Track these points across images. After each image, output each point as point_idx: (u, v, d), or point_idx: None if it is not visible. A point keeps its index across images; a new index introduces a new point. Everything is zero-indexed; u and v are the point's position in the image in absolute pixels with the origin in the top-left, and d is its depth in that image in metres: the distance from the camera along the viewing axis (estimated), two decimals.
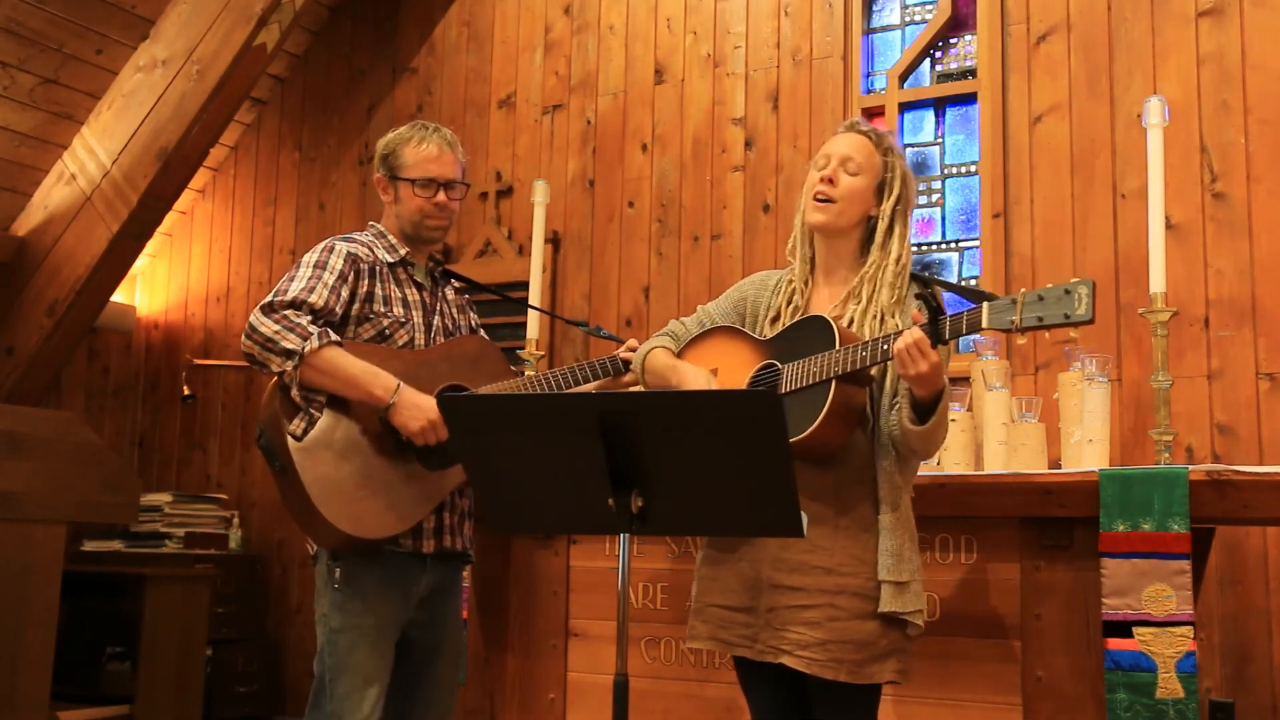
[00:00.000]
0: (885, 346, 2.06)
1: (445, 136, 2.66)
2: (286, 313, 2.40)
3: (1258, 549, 3.39)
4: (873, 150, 2.32)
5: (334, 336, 2.40)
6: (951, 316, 2.03)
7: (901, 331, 2.05)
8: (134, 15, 4.78)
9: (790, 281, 2.40)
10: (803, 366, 2.18)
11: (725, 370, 2.36)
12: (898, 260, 2.28)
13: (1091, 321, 1.92)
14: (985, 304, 2.01)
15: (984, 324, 2.00)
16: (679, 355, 2.47)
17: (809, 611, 2.14)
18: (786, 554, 2.18)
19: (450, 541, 2.56)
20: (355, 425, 2.43)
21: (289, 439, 2.38)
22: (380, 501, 2.42)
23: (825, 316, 2.22)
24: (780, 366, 2.25)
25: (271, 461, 2.44)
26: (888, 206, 2.31)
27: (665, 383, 2.40)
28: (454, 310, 2.74)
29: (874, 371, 2.21)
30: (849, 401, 2.15)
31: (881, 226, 2.30)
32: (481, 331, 2.83)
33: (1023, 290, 1.98)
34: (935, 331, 2.02)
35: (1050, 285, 1.95)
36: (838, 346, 2.14)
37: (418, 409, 2.41)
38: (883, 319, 2.24)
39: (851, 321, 2.26)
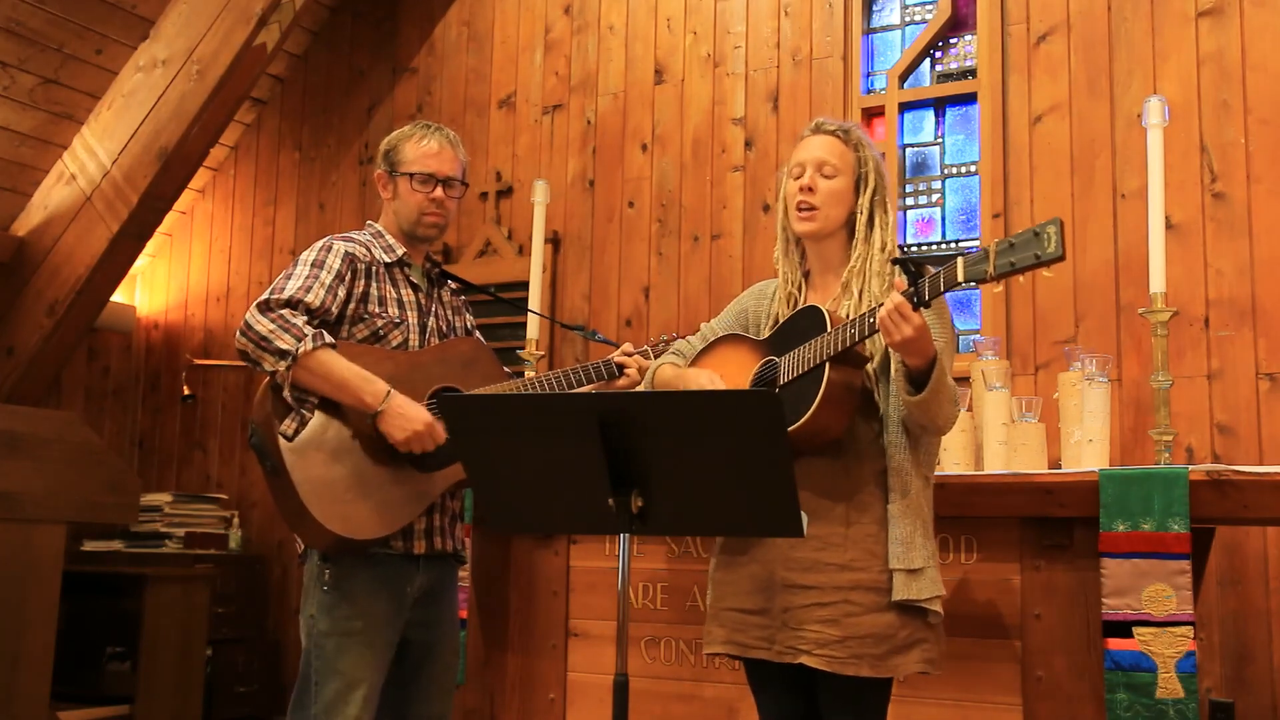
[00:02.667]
0: (871, 319, 2.08)
1: (447, 135, 2.67)
2: (283, 312, 2.40)
3: (1258, 549, 3.39)
4: (844, 149, 2.33)
5: (329, 339, 2.40)
6: (930, 277, 2.04)
7: (884, 303, 2.07)
8: (134, 15, 4.78)
9: (785, 287, 2.41)
10: (797, 355, 2.19)
11: (729, 374, 2.38)
12: (883, 249, 2.30)
13: (1062, 258, 1.93)
14: (959, 259, 2.02)
15: (960, 278, 2.01)
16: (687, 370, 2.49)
17: (824, 609, 2.14)
18: (797, 553, 2.18)
19: (440, 543, 2.56)
20: (347, 426, 2.43)
21: (280, 439, 2.38)
22: (370, 503, 2.42)
23: (817, 305, 2.24)
24: (778, 360, 2.26)
25: (263, 461, 2.43)
26: (865, 200, 2.32)
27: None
28: (449, 312, 2.73)
29: (875, 356, 2.22)
30: (845, 384, 2.16)
31: (861, 221, 2.31)
32: (477, 333, 2.83)
33: (995, 240, 2.01)
34: (915, 293, 2.03)
35: (1021, 230, 1.98)
36: (829, 330, 2.15)
37: (405, 418, 2.40)
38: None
39: (847, 315, 2.27)
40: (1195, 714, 2.51)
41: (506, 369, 2.80)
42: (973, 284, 2.03)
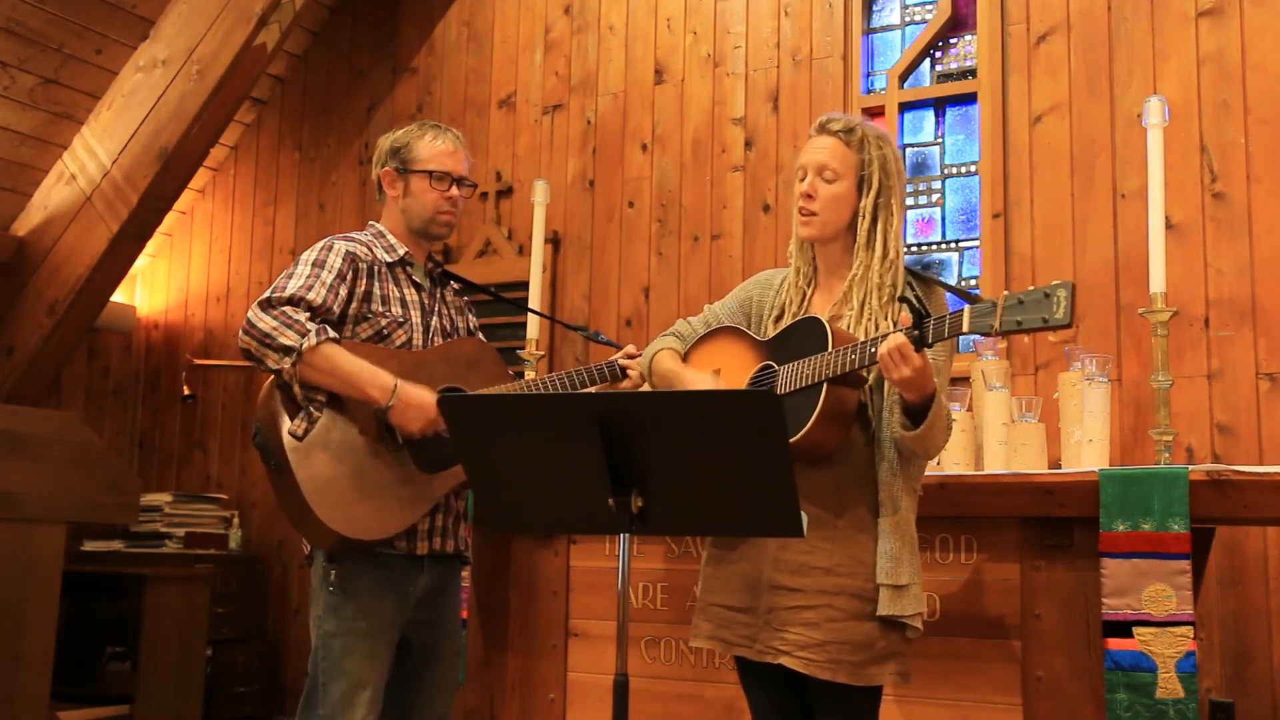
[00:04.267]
0: (873, 350, 2.07)
1: (457, 135, 2.71)
2: (285, 309, 2.39)
3: (1258, 549, 3.39)
4: (846, 150, 2.29)
5: (332, 334, 2.40)
6: (934, 321, 2.03)
7: (887, 335, 2.06)
8: (134, 15, 4.78)
9: (797, 282, 2.41)
10: (797, 368, 2.19)
11: (727, 371, 2.38)
12: (885, 258, 2.27)
13: (1069, 326, 1.91)
14: (966, 308, 2.01)
15: (964, 328, 2.00)
16: (685, 355, 2.48)
17: (807, 612, 2.15)
18: (786, 554, 2.19)
19: (443, 544, 2.56)
20: (351, 426, 2.43)
21: (285, 438, 2.38)
22: (374, 503, 2.42)
23: (820, 318, 2.23)
24: (777, 368, 2.26)
25: (267, 460, 2.43)
26: (867, 203, 2.28)
27: (670, 388, 2.41)
28: (452, 311, 2.74)
29: (871, 373, 2.22)
30: (841, 404, 2.16)
31: (864, 225, 2.28)
32: (480, 334, 2.83)
33: (1004, 294, 1.98)
34: (919, 336, 2.03)
35: (1032, 288, 1.95)
36: (830, 348, 2.14)
37: (416, 409, 2.40)
38: (876, 323, 2.24)
39: (848, 325, 2.27)
40: (1195, 714, 2.51)
41: (511, 370, 2.80)
42: (975, 334, 2.02)
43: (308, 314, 2.40)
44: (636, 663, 3.18)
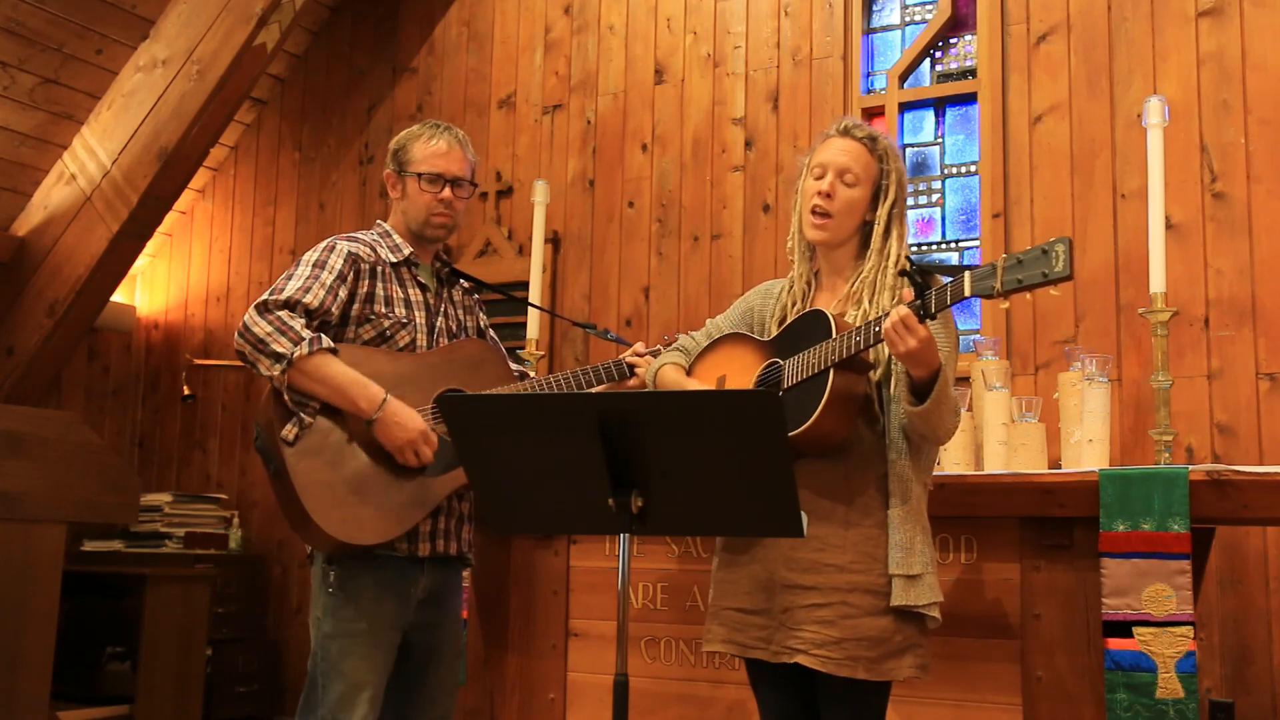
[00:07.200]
0: (877, 329, 2.08)
1: (457, 135, 2.67)
2: (281, 314, 2.39)
3: (1258, 549, 3.39)
4: (870, 159, 2.31)
5: (326, 342, 2.39)
6: (936, 290, 2.04)
7: (890, 312, 2.06)
8: (134, 15, 4.78)
9: (793, 284, 2.41)
10: (802, 359, 2.20)
11: (733, 374, 2.38)
12: (895, 262, 2.29)
13: (1070, 278, 1.91)
14: (966, 273, 2.02)
15: (966, 292, 2.01)
16: (690, 368, 2.49)
17: (822, 610, 2.15)
18: (798, 554, 2.19)
19: (445, 546, 2.55)
20: (349, 430, 2.43)
21: (282, 443, 2.37)
22: (373, 507, 2.41)
23: (823, 310, 2.24)
24: (782, 364, 2.26)
25: (267, 464, 2.43)
26: (883, 212, 2.31)
27: None
28: (460, 311, 2.73)
29: (875, 360, 2.22)
30: (849, 389, 2.16)
31: (878, 231, 2.31)
32: (491, 333, 2.83)
33: (1002, 255, 1.99)
34: (921, 306, 2.03)
35: (1029, 247, 1.96)
36: (834, 336, 2.15)
37: (400, 426, 2.40)
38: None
39: (855, 322, 2.27)
40: (1195, 714, 2.51)
41: (517, 369, 2.79)
42: (979, 298, 2.03)
43: (304, 319, 2.40)
44: (636, 663, 3.18)
